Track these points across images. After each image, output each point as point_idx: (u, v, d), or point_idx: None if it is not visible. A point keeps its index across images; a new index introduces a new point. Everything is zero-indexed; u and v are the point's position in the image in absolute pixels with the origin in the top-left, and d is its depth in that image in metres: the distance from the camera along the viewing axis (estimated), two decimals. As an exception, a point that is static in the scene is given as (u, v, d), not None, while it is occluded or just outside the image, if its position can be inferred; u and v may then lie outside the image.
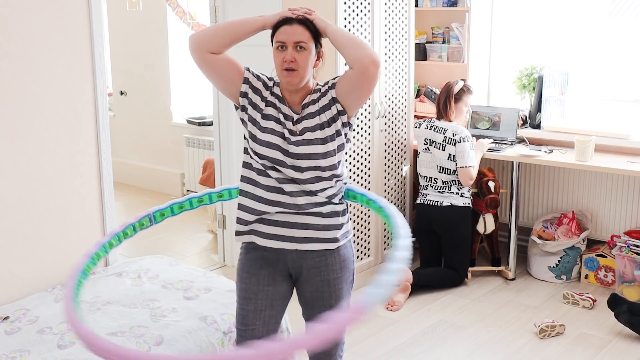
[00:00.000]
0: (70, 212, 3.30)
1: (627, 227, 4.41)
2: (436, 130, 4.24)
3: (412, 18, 4.44)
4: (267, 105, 2.28)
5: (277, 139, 2.24)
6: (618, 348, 3.54)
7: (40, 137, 3.14)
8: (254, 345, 1.63)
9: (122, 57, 6.73)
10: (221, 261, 4.71)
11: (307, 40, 2.20)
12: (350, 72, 2.19)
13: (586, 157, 4.06)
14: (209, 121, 5.86)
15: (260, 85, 2.28)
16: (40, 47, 3.10)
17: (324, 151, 2.23)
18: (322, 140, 2.23)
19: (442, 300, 4.14)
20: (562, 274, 4.37)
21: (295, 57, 2.18)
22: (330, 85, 2.26)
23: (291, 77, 2.20)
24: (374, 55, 2.15)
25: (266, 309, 2.36)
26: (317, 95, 2.26)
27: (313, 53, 2.22)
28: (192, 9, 6.14)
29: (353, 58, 2.16)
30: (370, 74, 2.15)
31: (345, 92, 2.22)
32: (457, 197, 4.22)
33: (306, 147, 2.22)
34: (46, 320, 2.82)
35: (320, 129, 2.24)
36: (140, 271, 3.33)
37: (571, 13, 4.67)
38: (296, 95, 2.27)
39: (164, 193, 6.53)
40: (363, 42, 2.19)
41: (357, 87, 2.19)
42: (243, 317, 2.38)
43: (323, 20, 2.23)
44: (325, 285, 2.33)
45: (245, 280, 2.37)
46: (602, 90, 4.66)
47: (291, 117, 2.26)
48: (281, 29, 2.21)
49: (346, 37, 2.20)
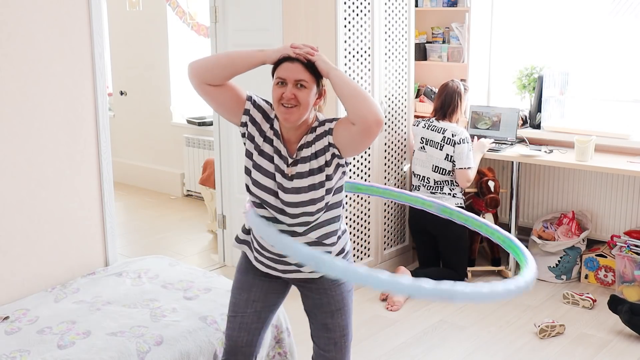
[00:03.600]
0: (70, 212, 3.30)
1: (627, 227, 4.41)
2: (435, 130, 4.23)
3: (412, 18, 4.44)
4: (265, 141, 2.23)
5: (270, 181, 2.21)
6: (618, 348, 3.54)
7: (40, 137, 3.14)
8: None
9: (122, 57, 6.73)
10: (221, 261, 4.71)
11: (308, 79, 2.13)
12: (352, 126, 2.09)
13: (586, 157, 4.06)
14: (209, 121, 5.86)
15: (260, 118, 2.23)
16: (40, 47, 3.10)
17: (311, 197, 2.19)
18: (309, 188, 2.18)
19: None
20: (562, 274, 4.37)
21: (296, 94, 2.12)
22: (327, 129, 2.18)
23: (289, 114, 2.14)
24: (379, 115, 2.05)
25: (259, 301, 2.38)
26: (313, 137, 2.19)
27: (314, 92, 2.16)
28: (192, 9, 6.14)
29: (356, 114, 2.06)
30: (372, 133, 2.07)
31: (342, 142, 2.15)
32: (449, 198, 4.21)
33: (294, 195, 2.19)
34: (46, 320, 2.81)
35: (311, 175, 2.19)
36: (140, 271, 3.33)
37: (571, 13, 4.67)
38: (295, 132, 2.21)
39: (164, 193, 6.53)
40: (367, 97, 2.08)
41: (355, 142, 2.12)
42: (234, 305, 2.40)
43: (326, 63, 2.14)
44: (323, 293, 2.34)
45: (243, 274, 2.40)
46: (602, 90, 4.65)
47: (286, 158, 2.21)
48: (282, 66, 2.14)
49: (350, 88, 2.09)
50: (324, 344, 2.39)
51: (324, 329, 2.38)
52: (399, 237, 4.63)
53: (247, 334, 2.40)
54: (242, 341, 2.40)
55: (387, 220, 4.50)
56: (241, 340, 2.40)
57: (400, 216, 4.60)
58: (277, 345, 2.95)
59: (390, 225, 4.53)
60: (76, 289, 3.14)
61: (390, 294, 4.06)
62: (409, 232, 4.65)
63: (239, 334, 2.39)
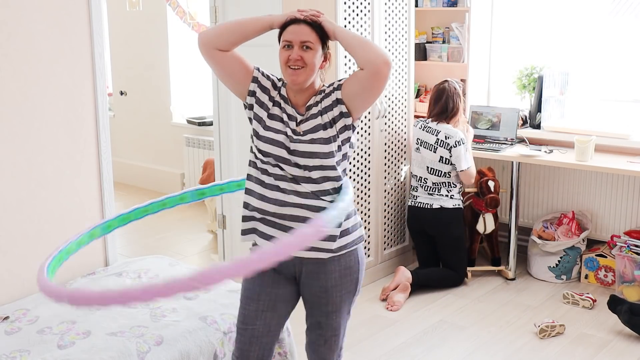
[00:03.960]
0: (70, 212, 3.30)
1: (627, 227, 4.41)
2: (429, 132, 4.22)
3: (412, 18, 4.44)
4: (274, 105, 2.29)
5: (281, 136, 2.24)
6: (618, 348, 3.54)
7: (40, 137, 3.14)
8: None
9: (122, 57, 6.73)
10: (221, 261, 4.71)
11: (314, 40, 2.21)
12: (361, 73, 2.18)
13: (586, 157, 4.06)
14: (209, 121, 5.86)
15: (269, 85, 2.30)
16: (40, 47, 3.10)
17: (327, 150, 2.22)
18: (325, 140, 2.22)
19: (442, 300, 4.14)
20: (562, 274, 4.37)
21: (302, 56, 2.19)
22: (335, 86, 2.25)
23: (296, 76, 2.20)
24: (386, 56, 2.14)
25: (268, 310, 2.36)
26: (321, 97, 2.26)
27: (320, 54, 2.23)
28: (192, 9, 6.14)
29: (365, 59, 2.15)
30: (383, 74, 2.14)
31: (353, 93, 2.21)
32: (447, 200, 4.21)
33: (309, 145, 2.22)
34: (46, 320, 2.82)
35: (323, 129, 2.23)
36: (140, 271, 3.33)
37: (571, 13, 4.67)
38: (301, 96, 2.27)
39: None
40: (373, 43, 2.20)
41: (367, 88, 2.18)
42: (244, 317, 2.38)
43: (331, 23, 2.24)
44: (323, 291, 2.33)
45: (249, 281, 2.37)
46: (602, 90, 4.66)
47: (295, 117, 2.26)
48: (288, 29, 2.22)
49: (356, 39, 2.20)
50: (315, 339, 2.43)
51: (317, 326, 2.40)
52: (398, 237, 4.63)
53: (259, 349, 2.38)
54: (254, 356, 2.39)
55: (387, 221, 4.50)
56: (253, 354, 2.38)
57: (400, 216, 4.60)
58: (277, 345, 2.94)
59: (390, 225, 4.53)
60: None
61: (391, 295, 4.06)
62: (408, 232, 4.65)
63: (250, 347, 2.38)
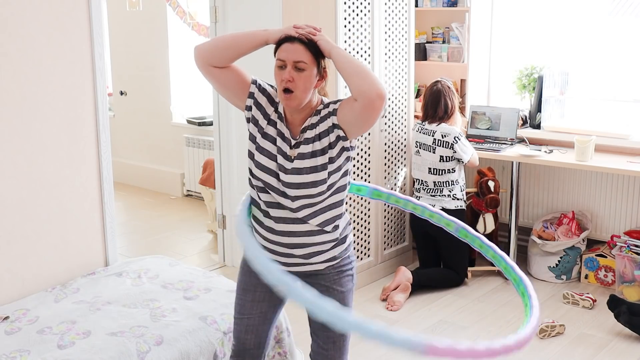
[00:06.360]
0: (70, 212, 3.30)
1: (627, 227, 4.41)
2: (425, 133, 4.22)
3: (412, 18, 4.44)
4: (269, 124, 2.24)
5: (272, 163, 2.21)
6: (618, 348, 3.54)
7: (40, 137, 3.14)
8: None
9: (122, 57, 6.72)
10: (221, 261, 4.71)
11: (308, 60, 2.13)
12: (355, 103, 2.11)
13: (586, 157, 4.06)
14: (209, 121, 5.86)
15: (264, 102, 2.25)
16: (40, 47, 3.10)
17: (313, 180, 2.18)
18: (310, 170, 2.18)
19: (442, 300, 4.14)
20: (562, 274, 4.37)
21: (294, 77, 2.12)
22: (331, 110, 2.19)
23: (289, 100, 2.15)
24: (381, 89, 2.06)
25: (264, 301, 2.37)
26: (317, 119, 2.21)
27: (314, 74, 2.16)
28: (192, 9, 6.14)
29: (358, 90, 2.08)
30: (376, 107, 2.07)
31: (347, 122, 2.16)
32: (449, 201, 4.20)
33: (295, 176, 2.19)
34: (46, 320, 2.82)
35: (313, 157, 2.19)
36: (140, 271, 3.33)
37: (571, 13, 4.67)
38: (298, 114, 2.22)
39: (164, 193, 6.53)
40: (369, 72, 2.10)
41: (360, 118, 2.13)
42: (240, 307, 2.40)
43: (328, 42, 2.15)
44: (325, 291, 2.33)
45: (246, 273, 2.38)
46: (602, 90, 4.65)
47: (289, 140, 2.23)
48: (282, 47, 2.15)
49: (352, 65, 2.11)
50: (323, 342, 2.40)
51: (323, 327, 2.38)
52: (398, 237, 4.63)
53: (255, 337, 2.40)
54: (250, 343, 2.40)
55: (387, 221, 4.50)
56: (249, 342, 2.40)
57: (400, 216, 4.60)
58: (277, 345, 2.95)
59: (390, 226, 4.53)
60: (76, 289, 3.15)
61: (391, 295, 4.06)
62: (409, 233, 4.65)
63: (246, 336, 2.40)
